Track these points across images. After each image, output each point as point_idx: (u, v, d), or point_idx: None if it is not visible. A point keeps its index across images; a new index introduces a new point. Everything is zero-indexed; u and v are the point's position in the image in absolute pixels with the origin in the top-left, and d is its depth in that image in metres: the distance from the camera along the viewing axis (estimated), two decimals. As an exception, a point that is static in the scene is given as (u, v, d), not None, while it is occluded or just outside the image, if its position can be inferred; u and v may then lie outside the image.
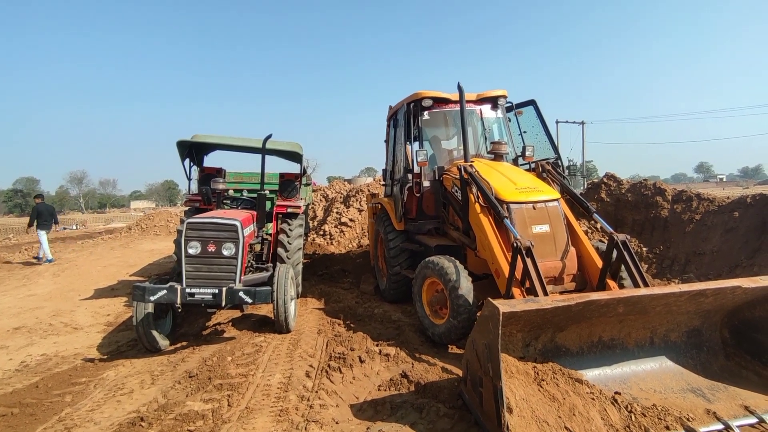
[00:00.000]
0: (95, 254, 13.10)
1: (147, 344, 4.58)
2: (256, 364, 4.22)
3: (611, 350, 3.51)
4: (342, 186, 18.44)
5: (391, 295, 6.45)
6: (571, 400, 3.01)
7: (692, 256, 7.59)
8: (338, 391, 3.67)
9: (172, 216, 22.24)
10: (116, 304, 6.85)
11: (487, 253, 4.53)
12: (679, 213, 8.26)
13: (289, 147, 6.46)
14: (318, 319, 5.66)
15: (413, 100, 6.05)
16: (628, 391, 3.26)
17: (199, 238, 4.54)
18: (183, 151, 6.22)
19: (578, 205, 5.01)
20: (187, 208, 6.65)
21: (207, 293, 4.32)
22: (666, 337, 3.64)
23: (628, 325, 3.52)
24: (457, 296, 4.30)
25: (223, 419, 3.28)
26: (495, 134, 6.35)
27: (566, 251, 4.51)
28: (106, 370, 4.30)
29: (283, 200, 6.78)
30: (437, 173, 5.84)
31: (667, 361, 3.57)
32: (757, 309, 3.49)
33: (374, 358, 4.23)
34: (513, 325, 3.12)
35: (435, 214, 5.93)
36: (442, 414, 3.20)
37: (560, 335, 3.41)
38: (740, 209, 7.48)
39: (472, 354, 3.16)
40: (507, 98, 6.41)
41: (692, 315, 3.62)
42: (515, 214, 4.48)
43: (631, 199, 8.98)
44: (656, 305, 3.30)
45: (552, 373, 3.18)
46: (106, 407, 3.52)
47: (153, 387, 3.85)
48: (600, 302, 3.03)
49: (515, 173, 5.15)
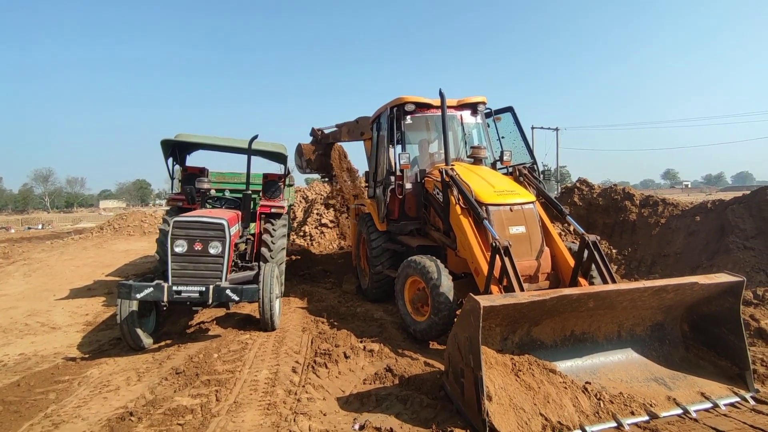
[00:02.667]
0: (67, 254, 12.74)
1: (131, 342, 4.59)
2: (242, 360, 4.29)
3: (582, 343, 3.75)
4: (322, 187, 18.48)
5: (373, 294, 6.59)
6: (546, 389, 3.23)
7: (658, 257, 8.01)
8: (325, 385, 3.79)
9: (146, 216, 21.73)
10: (94, 304, 6.75)
11: (467, 252, 4.73)
12: (646, 217, 8.69)
13: (274, 148, 6.53)
14: (302, 318, 5.75)
15: (396, 105, 6.22)
16: (597, 381, 3.50)
17: (186, 236, 4.58)
18: (167, 150, 6.22)
19: (552, 207, 5.27)
20: (170, 207, 6.63)
21: (194, 291, 4.37)
22: (632, 331, 3.90)
23: (598, 320, 3.77)
24: (438, 294, 4.48)
25: (212, 413, 3.35)
26: (474, 139, 6.59)
27: (541, 251, 4.75)
28: (90, 369, 4.29)
29: (267, 200, 6.83)
30: (419, 176, 6.03)
31: (633, 353, 3.83)
32: (713, 304, 3.79)
33: (359, 354, 4.37)
34: (492, 319, 3.31)
35: (416, 216, 6.11)
36: (425, 404, 3.36)
37: (535, 329, 3.62)
38: (701, 214, 7.94)
39: (454, 347, 3.35)
40: (486, 104, 6.65)
41: (655, 310, 3.90)
42: (493, 216, 4.69)
43: (602, 203, 9.39)
44: (623, 300, 3.55)
45: (528, 365, 3.39)
46: (93, 404, 3.55)
47: (140, 384, 3.88)
48: (572, 297, 3.26)
49: (494, 177, 5.38)
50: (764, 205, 7.04)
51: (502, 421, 2.91)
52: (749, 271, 6.31)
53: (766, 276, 6.18)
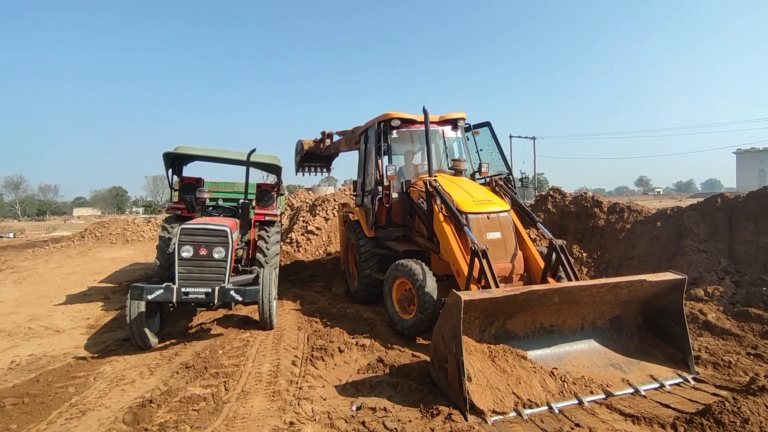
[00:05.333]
0: (53, 262, 12.78)
1: (139, 341, 4.92)
2: (245, 355, 4.69)
3: (550, 334, 4.28)
4: (307, 195, 18.85)
5: (362, 296, 7.04)
6: (518, 372, 3.73)
7: (623, 260, 8.68)
8: (323, 375, 4.22)
9: (128, 224, 21.69)
10: (93, 309, 7.01)
11: (449, 256, 5.24)
12: (613, 222, 9.38)
13: (269, 160, 6.96)
14: (296, 318, 6.16)
15: (383, 120, 6.72)
16: (563, 367, 4.02)
17: (192, 242, 4.96)
18: (167, 162, 6.58)
19: (525, 215, 5.84)
20: (169, 215, 6.97)
21: (200, 292, 4.74)
22: (594, 324, 4.45)
23: (564, 314, 4.30)
24: (424, 293, 4.97)
25: (223, 400, 3.74)
26: (455, 152, 7.14)
27: (515, 254, 5.30)
28: (102, 366, 4.61)
29: (261, 209, 7.23)
30: (405, 186, 6.53)
31: (595, 343, 4.37)
32: (662, 299, 4.37)
33: (351, 348, 4.81)
34: (472, 312, 3.80)
35: (402, 223, 6.61)
36: (413, 389, 3.83)
37: (510, 322, 4.13)
38: (662, 219, 8.66)
39: (438, 338, 3.83)
40: (465, 120, 7.22)
41: (613, 305, 4.46)
42: (473, 223, 5.21)
43: (574, 210, 10.06)
44: (584, 295, 4.10)
45: (503, 352, 3.89)
46: (113, 394, 3.89)
47: (153, 377, 4.24)
48: (539, 292, 3.79)
49: (472, 187, 5.92)
50: (715, 211, 7.79)
51: (480, 399, 3.40)
52: (702, 271, 7.00)
53: (716, 276, 6.87)
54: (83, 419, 3.48)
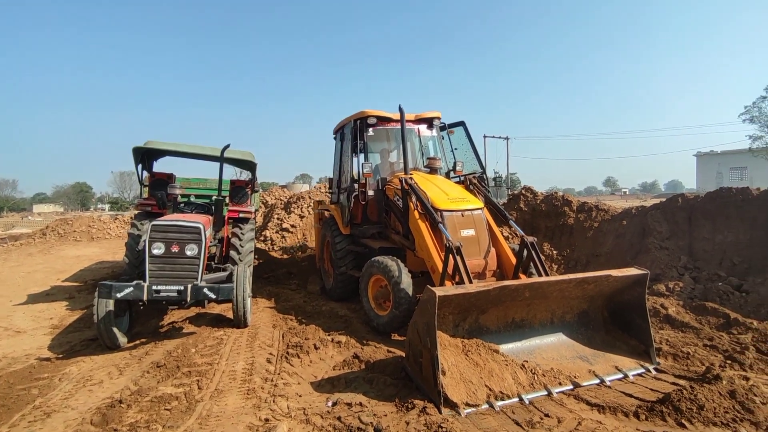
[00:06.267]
0: (11, 260, 12.21)
1: (107, 341, 4.78)
2: (219, 354, 4.62)
3: (521, 329, 4.40)
4: (281, 192, 18.66)
5: (337, 293, 7.04)
6: (490, 365, 3.83)
7: (591, 257, 8.99)
8: (298, 372, 4.22)
9: (94, 221, 20.90)
10: (56, 309, 6.75)
11: (424, 252, 5.31)
12: (582, 221, 9.70)
13: (242, 156, 6.86)
14: (271, 316, 6.11)
15: (359, 117, 6.74)
16: (533, 360, 4.14)
17: (164, 239, 4.84)
18: (137, 157, 6.39)
19: (498, 213, 5.97)
20: (138, 211, 6.77)
21: (172, 290, 4.64)
22: (563, 318, 4.60)
23: (534, 309, 4.43)
24: (400, 290, 5.02)
25: (196, 399, 3.69)
26: (430, 150, 7.23)
27: (488, 251, 5.41)
28: (67, 366, 4.46)
29: (235, 206, 7.12)
30: (380, 183, 6.56)
31: (563, 336, 4.53)
32: (625, 294, 4.56)
33: (327, 345, 4.81)
34: (446, 308, 3.88)
35: (378, 220, 6.64)
36: (389, 384, 3.87)
37: (482, 317, 4.23)
38: (627, 218, 9.01)
39: (414, 333, 3.89)
40: (440, 119, 7.31)
41: (581, 300, 4.63)
42: (447, 220, 5.29)
43: (545, 208, 10.34)
44: (553, 290, 4.24)
45: (476, 346, 3.98)
46: (79, 395, 3.77)
47: (122, 377, 4.13)
48: (511, 287, 3.90)
49: (447, 185, 6.01)
50: (676, 211, 8.17)
51: (454, 392, 3.47)
52: (663, 268, 7.33)
53: (676, 272, 7.21)
54: (48, 421, 3.36)
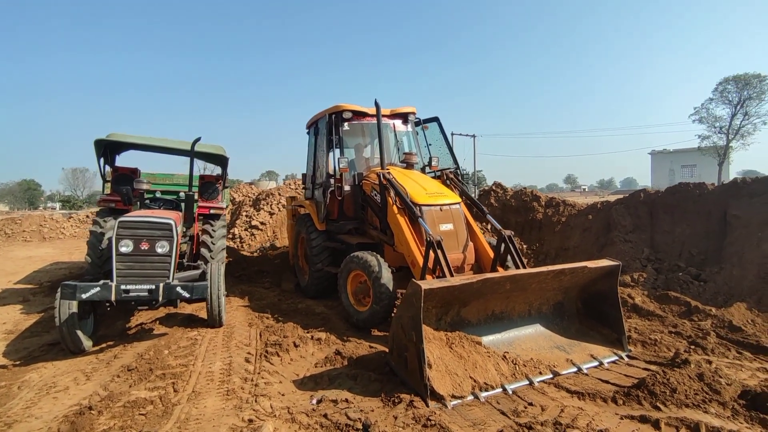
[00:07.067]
0: (-46, 263, 11.33)
1: (71, 345, 4.49)
2: (194, 355, 4.44)
3: (501, 321, 4.47)
4: (249, 189, 18.20)
5: (313, 291, 6.92)
6: (474, 357, 3.86)
7: (560, 251, 9.27)
8: (279, 371, 4.11)
9: (46, 221, 19.70)
10: (10, 313, 6.29)
11: (404, 247, 5.29)
12: (550, 216, 9.98)
13: (214, 150, 6.61)
14: (246, 315, 5.94)
15: (334, 112, 6.63)
16: (513, 350, 4.22)
17: (132, 236, 4.59)
18: (99, 150, 6.03)
19: (475, 207, 6.04)
20: (101, 208, 6.40)
21: (143, 289, 4.40)
22: (540, 309, 4.71)
23: (513, 301, 4.51)
24: (380, 285, 4.99)
25: (173, 403, 3.52)
26: (405, 146, 7.21)
27: (466, 245, 5.46)
28: (27, 374, 4.16)
29: (205, 201, 6.87)
30: (357, 179, 6.49)
31: (540, 327, 4.63)
32: (599, 284, 4.72)
33: (307, 342, 4.72)
34: (430, 301, 3.87)
35: (355, 216, 6.57)
36: (373, 379, 3.84)
37: (464, 310, 4.26)
38: (593, 213, 9.35)
39: (398, 327, 3.87)
40: (416, 114, 7.31)
41: (557, 291, 4.75)
42: (426, 215, 5.30)
43: (514, 204, 10.58)
44: (532, 282, 4.32)
45: (459, 339, 4.01)
46: (43, 404, 3.52)
47: (90, 382, 3.89)
48: (494, 280, 3.94)
49: (424, 180, 6.02)
50: (639, 205, 8.54)
51: (441, 384, 3.48)
52: (628, 260, 7.64)
53: (640, 263, 7.54)
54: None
